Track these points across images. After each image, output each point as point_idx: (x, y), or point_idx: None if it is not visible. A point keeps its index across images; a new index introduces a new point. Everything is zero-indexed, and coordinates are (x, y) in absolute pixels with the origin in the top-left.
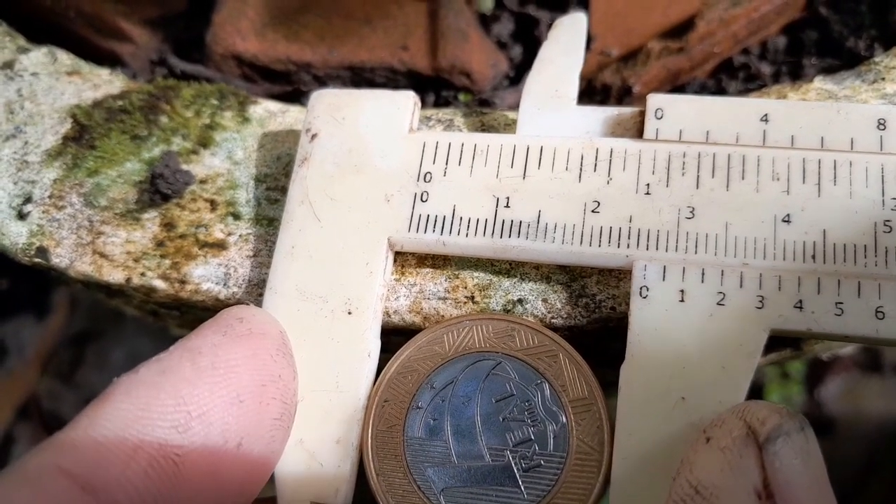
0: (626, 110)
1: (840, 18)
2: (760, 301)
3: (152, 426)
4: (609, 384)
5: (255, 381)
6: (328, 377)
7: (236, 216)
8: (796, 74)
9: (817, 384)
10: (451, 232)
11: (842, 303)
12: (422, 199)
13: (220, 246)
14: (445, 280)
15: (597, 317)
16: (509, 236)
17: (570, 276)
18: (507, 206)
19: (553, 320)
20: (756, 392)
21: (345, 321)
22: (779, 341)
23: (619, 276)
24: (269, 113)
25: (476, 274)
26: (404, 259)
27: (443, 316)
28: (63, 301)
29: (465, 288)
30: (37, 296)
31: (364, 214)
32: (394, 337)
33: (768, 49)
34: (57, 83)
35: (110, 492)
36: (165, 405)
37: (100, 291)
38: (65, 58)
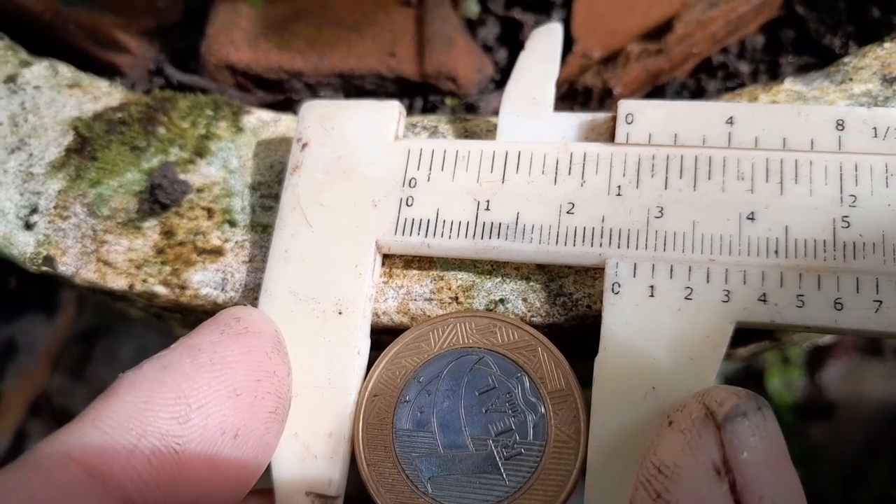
0: (600, 115)
1: (817, 16)
2: (726, 295)
3: (155, 417)
4: (586, 378)
5: (251, 376)
6: (321, 374)
7: (232, 223)
8: (774, 73)
9: (818, 368)
10: (435, 234)
11: (803, 295)
12: (407, 204)
13: (218, 252)
14: (431, 282)
15: (574, 314)
16: (490, 237)
17: (548, 277)
18: (488, 209)
19: (533, 319)
20: (757, 376)
21: (336, 321)
22: (756, 333)
23: (594, 276)
24: (262, 122)
25: (460, 275)
26: (392, 262)
27: (429, 316)
28: (71, 299)
29: (450, 289)
30: (45, 294)
31: (353, 219)
32: (384, 336)
33: (746, 48)
34: (59, 96)
35: (116, 478)
36: (167, 398)
37: (105, 296)
38: (65, 70)
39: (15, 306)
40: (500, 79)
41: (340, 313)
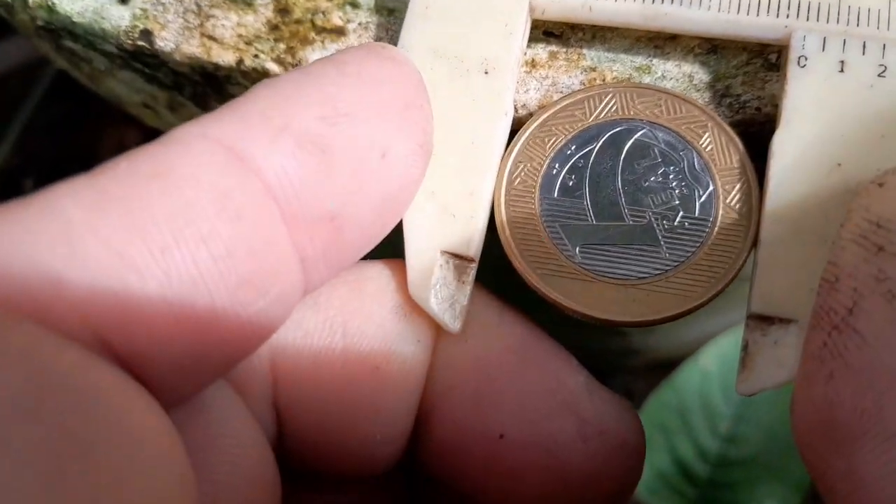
0: None
1: None
2: None
3: (298, 112)
4: None
5: (400, 100)
6: (463, 133)
7: (355, 5)
8: None
9: None
10: None
11: None
12: None
13: (339, 32)
14: (581, 73)
15: (740, 118)
16: (662, 2)
17: (714, 76)
18: None
19: None
20: None
21: (481, 80)
22: None
23: (764, 78)
24: None
25: (615, 68)
26: (535, 54)
27: None
28: None
29: (603, 81)
30: None
31: None
32: None
33: None
34: None
35: (257, 163)
36: (311, 97)
37: (192, 98)
38: None
39: None
40: None
41: (487, 73)
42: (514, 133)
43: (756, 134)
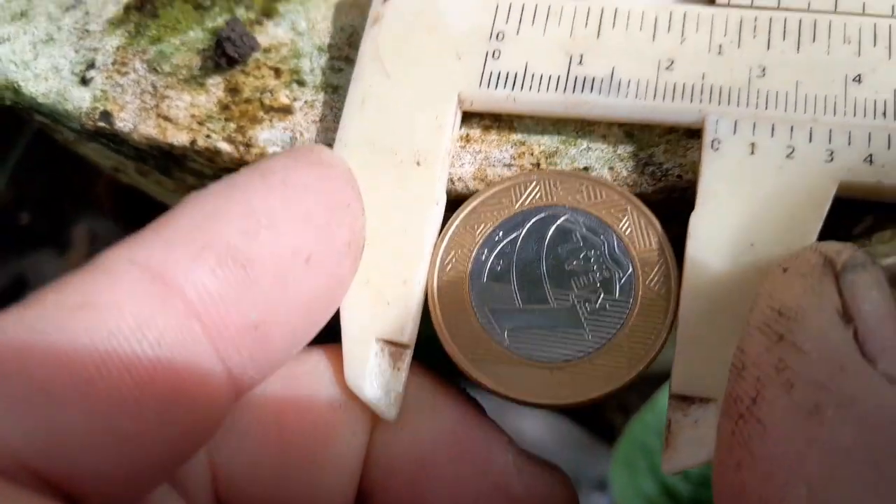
0: None
1: None
2: (830, 155)
3: (220, 230)
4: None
5: (326, 204)
6: (396, 223)
7: (301, 83)
8: None
9: None
10: (522, 87)
11: None
12: (493, 57)
13: (286, 111)
14: (511, 147)
15: (663, 185)
16: (582, 91)
17: (637, 146)
18: (581, 64)
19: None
20: None
21: (414, 171)
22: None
23: (686, 146)
24: None
25: (543, 140)
26: (470, 128)
27: None
28: (83, 236)
29: (532, 154)
30: (57, 231)
31: (434, 71)
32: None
33: None
34: None
35: (179, 285)
36: (235, 213)
37: (160, 159)
38: None
39: (26, 242)
40: None
41: (419, 164)
42: (453, 209)
43: (678, 200)
